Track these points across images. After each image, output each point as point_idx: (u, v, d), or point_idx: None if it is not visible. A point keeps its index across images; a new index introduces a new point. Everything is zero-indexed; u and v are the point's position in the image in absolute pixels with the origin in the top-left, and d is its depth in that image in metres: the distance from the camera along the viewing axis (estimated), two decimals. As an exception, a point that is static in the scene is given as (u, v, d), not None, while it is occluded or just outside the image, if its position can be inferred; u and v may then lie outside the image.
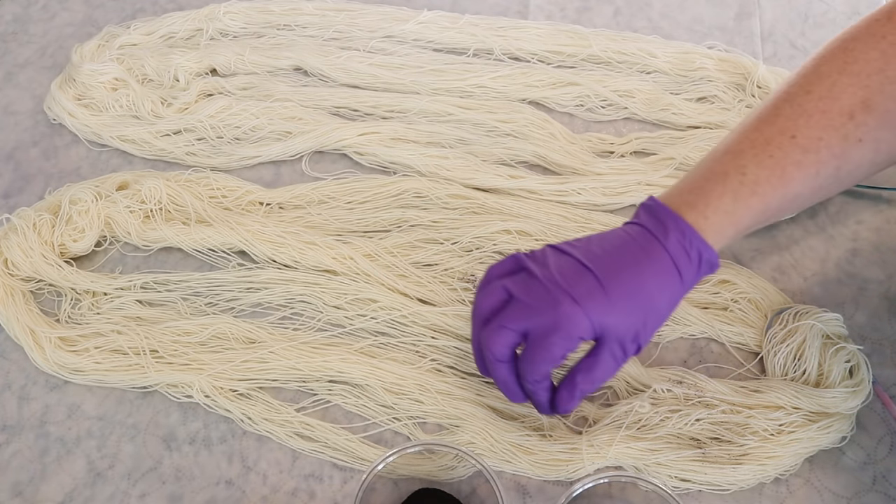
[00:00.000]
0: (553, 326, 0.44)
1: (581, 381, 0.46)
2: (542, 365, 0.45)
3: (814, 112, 0.47)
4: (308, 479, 0.53)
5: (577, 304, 0.44)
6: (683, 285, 0.46)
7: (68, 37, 0.80)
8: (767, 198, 0.46)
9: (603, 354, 0.45)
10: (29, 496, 0.53)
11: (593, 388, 0.47)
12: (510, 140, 0.68)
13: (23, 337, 0.58)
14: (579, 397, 0.47)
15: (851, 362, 0.54)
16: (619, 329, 0.45)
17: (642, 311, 0.45)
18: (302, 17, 0.78)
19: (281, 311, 0.60)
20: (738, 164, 0.47)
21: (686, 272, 0.45)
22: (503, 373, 0.47)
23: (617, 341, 0.45)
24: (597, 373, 0.46)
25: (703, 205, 0.46)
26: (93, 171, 0.70)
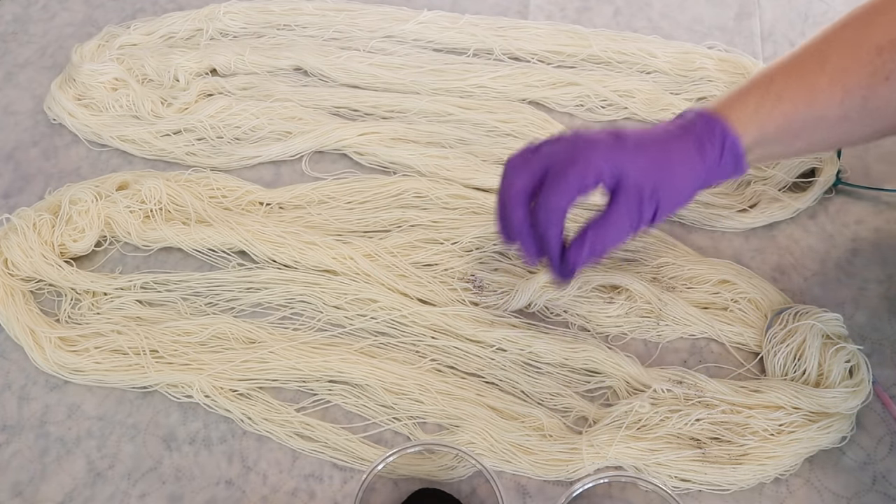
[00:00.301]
0: (573, 159, 0.45)
1: (592, 234, 0.46)
2: (557, 195, 0.45)
3: (845, 45, 0.49)
4: (308, 479, 0.53)
5: (597, 144, 0.45)
6: (705, 163, 0.47)
7: (68, 37, 0.80)
8: (792, 109, 0.48)
9: (617, 206, 0.46)
10: (29, 496, 0.53)
11: (604, 244, 0.47)
12: (510, 140, 0.68)
13: (23, 337, 0.58)
14: (589, 247, 0.46)
15: (851, 362, 0.54)
16: (636, 179, 0.45)
17: (660, 170, 0.46)
18: (302, 17, 0.78)
19: (281, 311, 0.60)
20: (767, 77, 0.49)
21: (708, 151, 0.47)
22: (520, 213, 0.47)
23: (633, 193, 0.45)
24: (608, 222, 0.46)
25: (728, 106, 0.48)
26: (93, 171, 0.70)
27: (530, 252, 0.48)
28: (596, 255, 0.47)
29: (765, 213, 0.62)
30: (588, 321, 0.58)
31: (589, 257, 0.47)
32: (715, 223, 0.63)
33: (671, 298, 0.57)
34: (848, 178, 0.65)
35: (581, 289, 0.58)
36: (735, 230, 0.63)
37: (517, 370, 0.56)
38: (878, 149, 0.67)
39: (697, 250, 0.62)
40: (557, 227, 0.47)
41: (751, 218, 0.63)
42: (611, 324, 0.58)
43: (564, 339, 0.56)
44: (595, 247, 0.46)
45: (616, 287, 0.59)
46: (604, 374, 0.56)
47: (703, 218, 0.63)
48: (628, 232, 0.47)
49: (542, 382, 0.55)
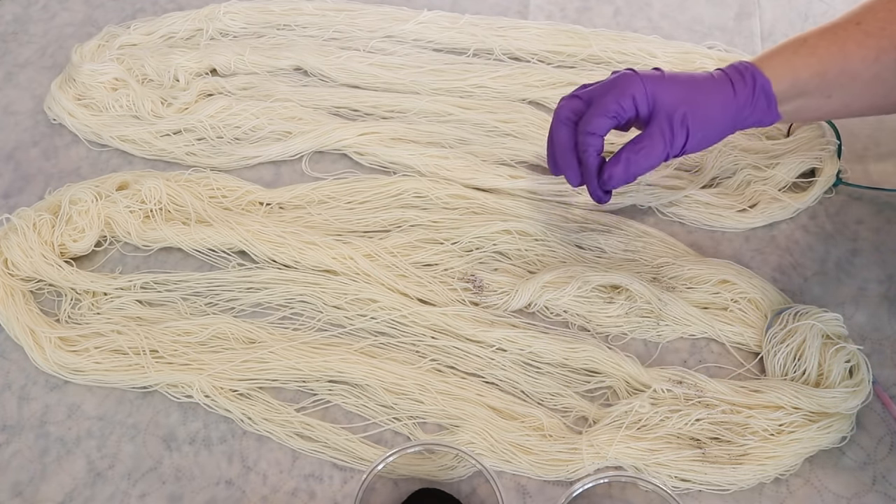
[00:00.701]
0: (612, 85, 0.50)
1: (628, 150, 0.50)
2: (598, 117, 0.50)
3: (881, 9, 0.50)
4: (308, 479, 0.53)
5: (636, 75, 0.50)
6: (736, 98, 0.50)
7: (68, 37, 0.80)
8: (826, 62, 0.50)
9: (652, 127, 0.50)
10: (29, 496, 0.53)
11: (638, 163, 0.50)
12: (510, 140, 0.68)
13: (23, 337, 0.58)
14: (624, 164, 0.50)
15: (851, 362, 0.54)
16: (669, 103, 0.49)
17: (693, 98, 0.49)
18: (302, 17, 0.78)
19: (281, 311, 0.60)
20: (801, 37, 0.52)
21: (739, 89, 0.50)
22: (565, 135, 0.52)
23: (666, 114, 0.49)
24: (642, 144, 0.50)
25: (762, 59, 0.52)
26: (93, 171, 0.70)
27: (573, 174, 0.53)
28: (630, 175, 0.51)
29: (765, 213, 0.62)
30: (588, 321, 0.58)
31: (623, 176, 0.50)
32: (715, 223, 0.63)
33: (671, 298, 0.57)
34: (848, 178, 0.65)
35: (581, 289, 0.58)
36: (735, 230, 0.63)
37: (517, 370, 0.56)
38: (878, 148, 0.67)
39: (697, 250, 0.62)
40: (595, 147, 0.51)
41: (751, 218, 0.63)
42: (611, 324, 0.58)
43: (564, 339, 0.56)
44: (630, 166, 0.50)
45: (616, 287, 0.59)
46: (604, 374, 0.56)
47: (703, 218, 0.63)
48: (661, 155, 0.50)
49: (542, 382, 0.55)
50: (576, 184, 0.53)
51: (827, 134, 0.65)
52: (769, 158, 0.64)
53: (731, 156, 0.64)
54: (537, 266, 0.61)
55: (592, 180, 0.52)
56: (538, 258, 0.61)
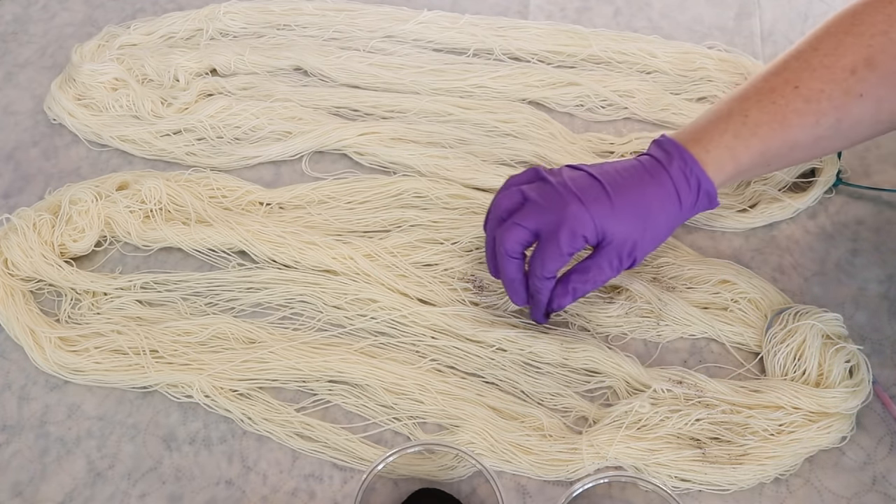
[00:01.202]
0: (561, 223, 0.48)
1: (575, 279, 0.51)
2: (551, 262, 0.49)
3: (818, 66, 0.50)
4: (308, 479, 0.53)
5: (584, 205, 0.48)
6: (682, 209, 0.50)
7: (68, 37, 0.80)
8: (767, 140, 0.50)
9: (599, 259, 0.50)
10: (29, 496, 0.53)
11: (585, 290, 0.51)
12: (510, 140, 0.68)
13: (23, 337, 0.58)
14: (572, 294, 0.51)
15: (851, 362, 0.54)
16: (619, 235, 0.49)
17: (642, 223, 0.49)
18: (302, 17, 0.78)
19: (281, 311, 0.60)
20: (743, 107, 0.51)
21: (685, 197, 0.50)
22: (512, 269, 0.51)
23: (615, 248, 0.49)
24: (591, 274, 0.50)
25: (706, 141, 0.50)
26: (93, 171, 0.70)
27: (519, 299, 0.53)
28: (577, 298, 0.52)
29: (765, 213, 0.62)
30: (588, 321, 0.58)
31: (570, 302, 0.52)
32: (715, 223, 0.63)
33: (671, 298, 0.57)
34: (848, 178, 0.65)
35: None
36: (735, 230, 0.63)
37: (517, 370, 0.56)
38: (878, 149, 0.67)
39: (697, 250, 0.62)
40: (549, 288, 0.51)
41: (751, 218, 0.63)
42: (611, 324, 0.58)
43: (564, 339, 0.56)
44: (577, 294, 0.51)
45: (616, 287, 0.59)
46: (604, 374, 0.56)
47: (703, 218, 0.63)
48: (609, 277, 0.51)
49: (542, 382, 0.55)
50: (521, 304, 0.54)
51: (827, 134, 0.65)
52: (769, 158, 0.64)
53: (731, 156, 0.64)
54: (537, 266, 0.61)
55: (541, 310, 0.53)
56: (538, 258, 0.61)
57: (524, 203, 0.51)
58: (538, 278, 0.50)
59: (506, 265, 0.51)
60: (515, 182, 0.53)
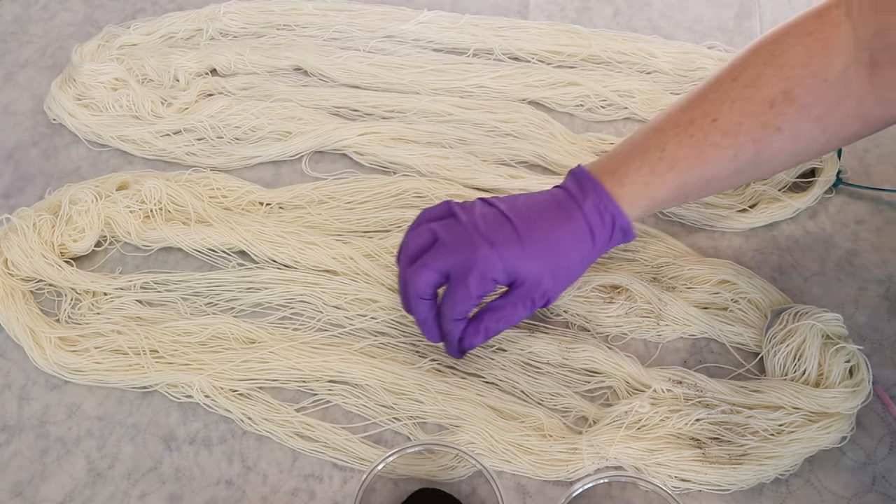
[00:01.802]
0: (471, 266, 0.47)
1: (487, 319, 0.50)
2: (461, 304, 0.49)
3: (737, 98, 0.49)
4: (308, 479, 0.53)
5: (494, 247, 0.47)
6: (595, 247, 0.50)
7: (68, 37, 0.81)
8: (684, 175, 0.49)
9: (512, 299, 0.50)
10: (29, 496, 0.53)
11: (498, 330, 0.51)
12: (510, 140, 0.68)
13: (23, 337, 0.58)
14: (484, 334, 0.50)
15: (851, 362, 0.54)
16: (531, 277, 0.48)
17: (554, 263, 0.48)
18: (302, 17, 0.78)
19: (281, 311, 0.60)
20: (660, 140, 0.50)
21: (599, 234, 0.49)
22: (423, 310, 0.51)
23: (527, 290, 0.49)
24: (503, 314, 0.50)
25: (621, 174, 0.50)
26: (93, 171, 0.70)
27: (432, 338, 0.52)
28: (490, 337, 0.51)
29: (765, 213, 0.62)
30: (588, 321, 0.58)
31: (483, 341, 0.51)
32: (715, 223, 0.63)
33: (671, 298, 0.57)
34: (848, 178, 0.65)
35: (581, 289, 0.58)
36: (735, 230, 0.63)
37: (517, 370, 0.56)
38: (878, 149, 0.67)
39: (697, 250, 0.62)
40: (460, 328, 0.51)
41: (751, 218, 0.63)
42: (611, 324, 0.58)
43: (564, 339, 0.56)
44: (489, 331, 0.51)
45: (616, 287, 0.59)
46: (604, 374, 0.56)
47: (703, 218, 0.63)
48: (522, 316, 0.51)
49: (542, 382, 0.55)
50: (434, 342, 0.53)
51: (827, 134, 0.65)
52: (769, 158, 0.64)
53: (731, 156, 0.64)
54: (537, 266, 0.61)
55: (454, 347, 0.52)
56: (538, 258, 0.61)
57: (434, 242, 0.50)
58: (449, 320, 0.50)
59: (417, 306, 0.50)
60: (427, 217, 0.51)
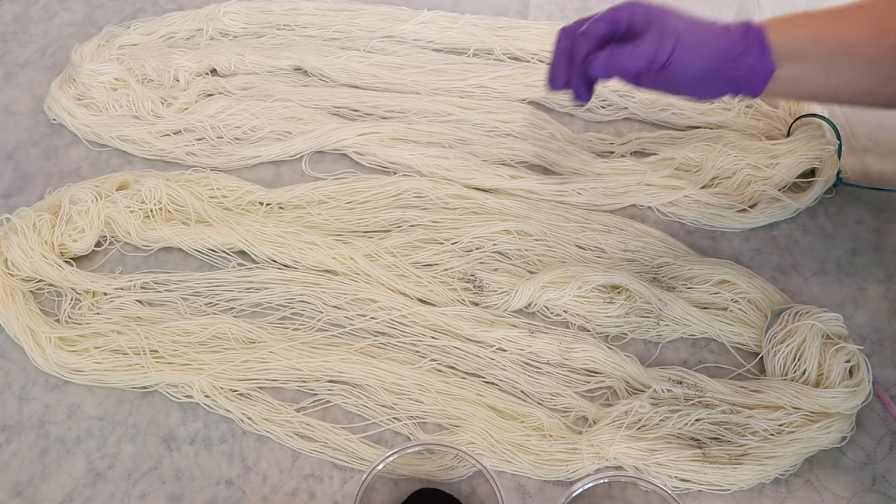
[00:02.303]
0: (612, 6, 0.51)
1: (612, 48, 0.51)
2: (595, 23, 0.51)
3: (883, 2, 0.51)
4: (308, 479, 0.53)
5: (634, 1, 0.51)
6: (728, 36, 0.51)
7: (68, 37, 0.81)
8: (823, 30, 0.51)
9: (643, 36, 0.51)
10: (29, 496, 0.53)
11: (620, 64, 0.51)
12: (510, 140, 0.68)
13: (23, 337, 0.59)
14: (606, 60, 0.51)
15: (851, 362, 0.54)
16: (664, 19, 0.50)
17: (687, 20, 0.51)
18: (302, 17, 0.78)
19: (281, 311, 0.60)
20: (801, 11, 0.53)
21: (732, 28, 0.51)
22: (562, 42, 0.53)
23: (659, 28, 0.50)
24: (628, 48, 0.51)
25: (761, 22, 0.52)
26: (93, 171, 0.70)
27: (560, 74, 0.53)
28: (612, 68, 0.51)
29: (765, 213, 0.62)
30: (588, 321, 0.58)
31: (605, 66, 0.51)
32: (715, 223, 0.63)
33: (671, 298, 0.57)
34: (848, 178, 0.65)
35: (581, 289, 0.58)
36: (735, 230, 0.63)
37: (517, 370, 0.56)
38: (878, 149, 0.67)
39: (697, 250, 0.62)
40: (589, 43, 0.52)
41: (751, 218, 0.63)
42: (611, 324, 0.58)
43: (564, 339, 0.56)
44: (612, 59, 0.51)
45: (616, 287, 0.59)
46: (604, 374, 0.56)
47: (703, 218, 0.63)
48: (644, 60, 0.51)
49: (542, 382, 0.55)
50: (560, 84, 0.54)
51: (827, 134, 0.65)
52: (769, 158, 0.64)
53: (731, 156, 0.64)
54: (537, 266, 0.61)
55: (578, 70, 0.53)
56: (538, 258, 0.61)
57: None
58: (580, 34, 0.52)
59: (559, 38, 0.53)
60: None
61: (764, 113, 0.69)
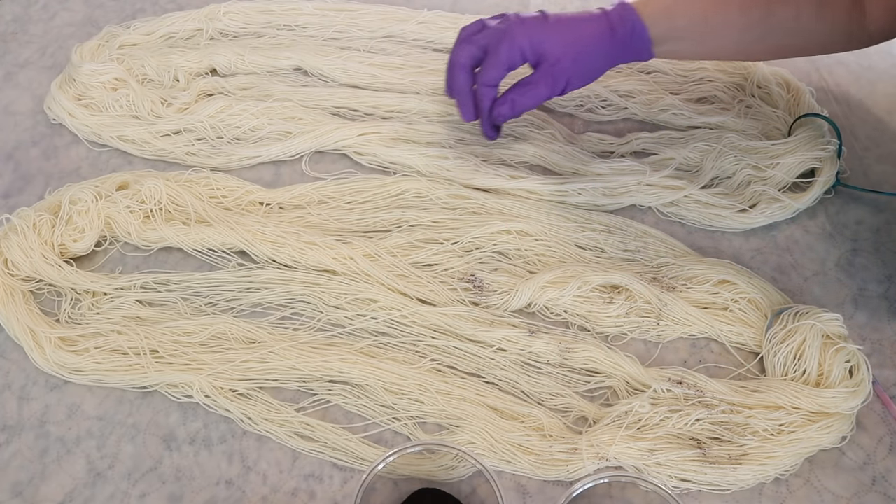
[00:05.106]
0: (502, 37, 0.57)
1: (514, 92, 0.58)
2: (493, 70, 0.57)
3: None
4: (308, 479, 0.53)
5: (523, 24, 0.57)
6: (615, 43, 0.57)
7: (68, 37, 0.81)
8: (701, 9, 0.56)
9: (536, 76, 0.57)
10: (29, 496, 0.53)
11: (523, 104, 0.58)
12: (510, 140, 0.68)
13: (23, 337, 0.58)
14: (510, 105, 0.58)
15: (851, 362, 0.54)
16: (553, 54, 0.56)
17: (575, 48, 0.56)
18: (302, 17, 0.78)
19: (281, 311, 0.60)
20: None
21: (618, 32, 0.56)
22: (461, 79, 0.59)
23: (549, 66, 0.56)
24: (527, 88, 0.58)
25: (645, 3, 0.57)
26: (93, 171, 0.70)
27: (467, 114, 0.60)
28: (516, 112, 0.59)
29: (765, 213, 0.62)
30: (588, 321, 0.58)
31: (510, 114, 0.58)
32: (715, 223, 0.63)
33: (671, 298, 0.57)
34: (847, 178, 0.65)
35: (581, 289, 0.58)
36: (735, 230, 0.63)
37: (517, 370, 0.56)
38: (878, 149, 0.68)
39: (697, 250, 0.62)
40: (491, 96, 0.59)
41: (751, 218, 0.63)
42: (611, 324, 0.58)
43: (564, 339, 0.56)
44: (515, 106, 0.58)
45: (616, 287, 0.59)
46: (604, 374, 0.56)
47: (703, 218, 0.63)
48: (544, 98, 0.58)
49: (542, 382, 0.55)
50: (469, 119, 0.60)
51: (827, 134, 0.65)
52: (769, 158, 0.64)
53: (731, 156, 0.64)
54: (537, 266, 0.61)
55: (486, 121, 0.61)
56: (538, 258, 0.61)
57: (482, 29, 0.59)
58: (482, 85, 0.58)
59: (456, 75, 0.59)
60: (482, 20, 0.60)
61: (764, 113, 0.69)
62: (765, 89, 0.70)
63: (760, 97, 0.70)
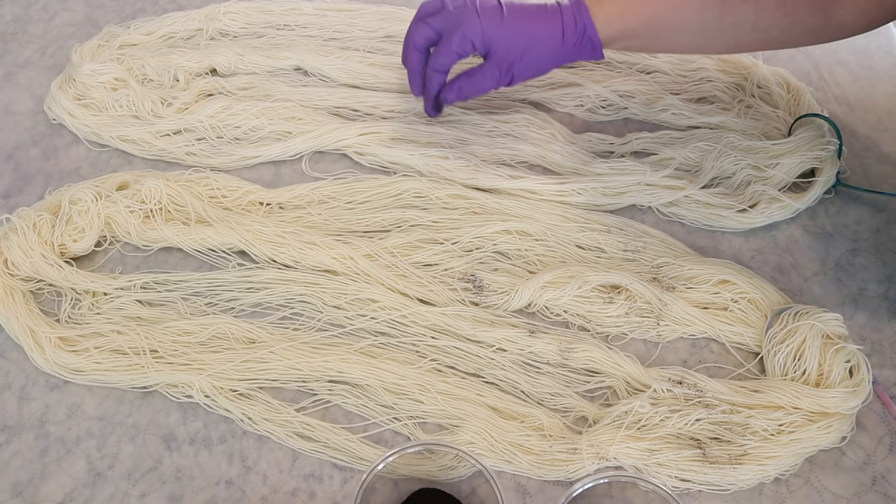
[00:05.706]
0: (457, 26, 0.58)
1: (462, 80, 0.61)
2: (444, 57, 0.59)
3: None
4: (308, 479, 0.53)
5: (479, 16, 0.58)
6: (564, 47, 0.58)
7: (68, 37, 0.81)
8: (655, 10, 0.57)
9: (484, 67, 0.60)
10: (29, 496, 0.53)
11: (469, 92, 0.61)
12: (510, 140, 0.68)
13: (23, 337, 0.58)
14: (457, 92, 0.61)
15: (851, 362, 0.54)
16: (502, 49, 0.58)
17: (525, 45, 0.58)
18: (302, 17, 0.78)
19: (281, 311, 0.60)
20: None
21: (569, 36, 0.58)
22: (414, 59, 0.62)
23: (498, 60, 0.59)
24: (475, 78, 0.60)
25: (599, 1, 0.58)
26: (93, 171, 0.70)
27: (416, 88, 0.64)
28: (463, 97, 0.61)
29: (765, 213, 0.62)
30: (588, 321, 0.58)
31: (456, 98, 0.61)
32: (715, 223, 0.63)
33: (671, 298, 0.57)
34: (847, 178, 0.65)
35: (581, 289, 0.58)
36: (735, 230, 0.63)
37: (517, 370, 0.56)
38: (878, 149, 0.68)
39: (697, 250, 0.62)
40: (439, 81, 0.62)
41: (751, 218, 0.63)
42: (611, 324, 0.58)
43: (564, 339, 0.56)
44: (462, 90, 0.61)
45: (616, 287, 0.59)
46: (604, 374, 0.56)
47: (703, 218, 0.63)
48: (489, 88, 0.60)
49: (542, 382, 0.55)
50: (417, 94, 0.65)
51: (827, 134, 0.65)
52: (769, 158, 0.64)
53: (731, 156, 0.64)
54: (537, 266, 0.61)
55: (430, 100, 0.64)
56: (538, 258, 0.61)
57: (441, 10, 0.60)
58: (431, 69, 0.61)
59: (410, 54, 0.62)
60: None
61: (764, 113, 0.69)
62: (765, 89, 0.70)
63: (760, 97, 0.70)
